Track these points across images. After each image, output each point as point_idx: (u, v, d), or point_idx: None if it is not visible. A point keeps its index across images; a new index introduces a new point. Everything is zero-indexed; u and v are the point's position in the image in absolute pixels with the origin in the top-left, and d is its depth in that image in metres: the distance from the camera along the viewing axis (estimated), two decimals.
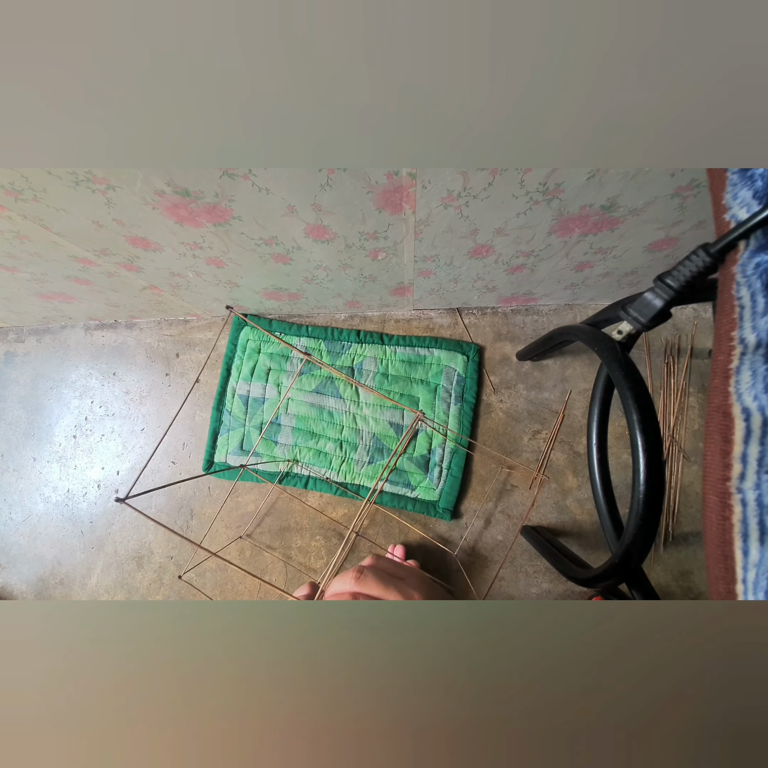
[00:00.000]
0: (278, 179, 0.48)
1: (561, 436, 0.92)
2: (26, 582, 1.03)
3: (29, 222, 0.57)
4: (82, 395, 1.08)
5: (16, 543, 1.05)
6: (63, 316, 1.05)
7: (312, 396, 0.98)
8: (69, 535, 1.03)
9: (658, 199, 0.52)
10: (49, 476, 1.06)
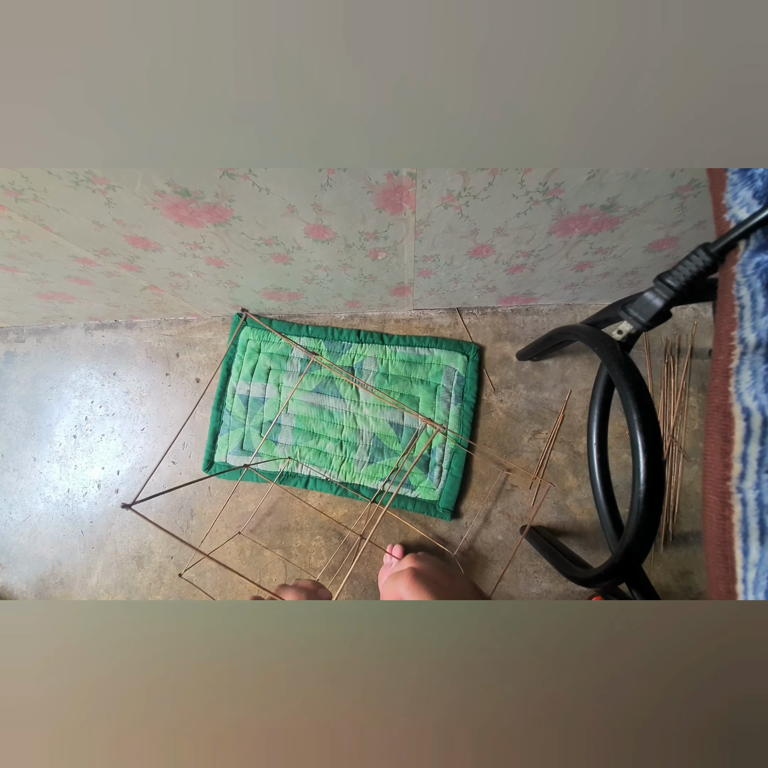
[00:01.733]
0: (278, 179, 0.48)
1: (561, 436, 0.92)
2: (26, 582, 1.03)
3: (29, 222, 0.57)
4: (82, 395, 1.08)
5: (16, 543, 1.05)
6: (63, 316, 1.05)
7: (312, 396, 0.98)
8: (69, 534, 1.03)
9: (658, 199, 0.52)
10: (49, 476, 1.06)
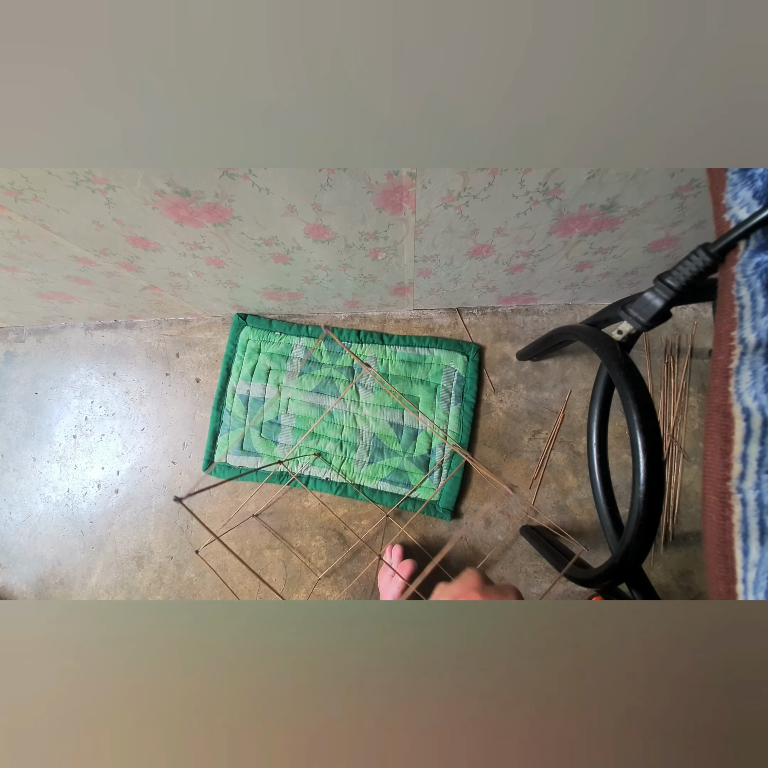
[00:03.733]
0: (278, 179, 0.48)
1: (561, 436, 0.92)
2: (26, 582, 1.03)
3: (29, 222, 0.57)
4: (82, 395, 1.08)
5: (16, 543, 1.05)
6: (63, 316, 1.05)
7: (312, 396, 0.98)
8: (69, 535, 1.03)
9: (658, 199, 0.52)
10: (49, 476, 1.06)
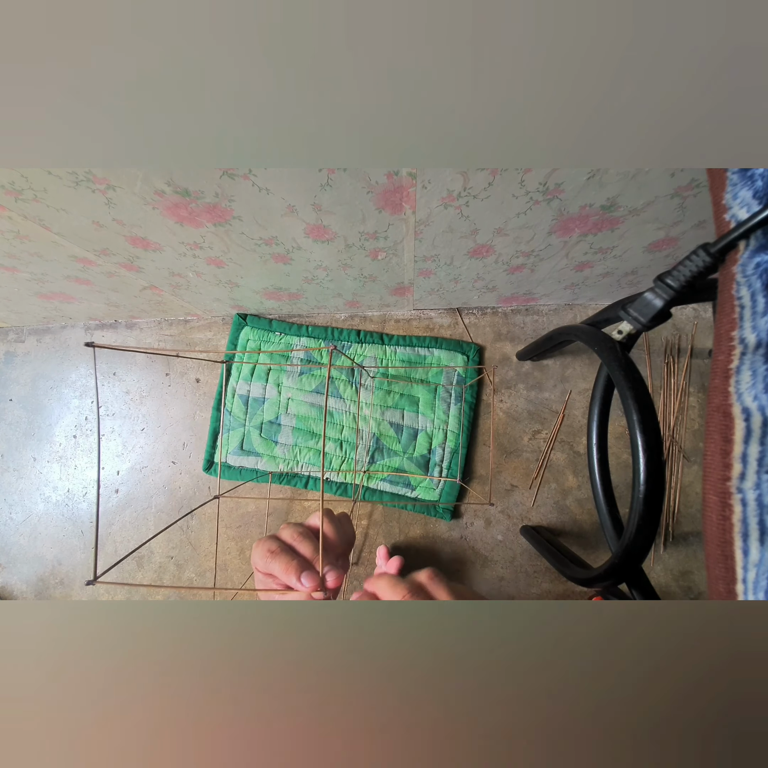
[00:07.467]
0: (278, 179, 0.48)
1: (561, 436, 0.92)
2: (26, 582, 1.03)
3: (29, 222, 0.57)
4: (82, 395, 1.08)
5: (16, 543, 1.05)
6: (63, 316, 1.05)
7: (312, 396, 0.98)
8: (69, 535, 1.03)
9: (658, 199, 0.52)
10: (49, 476, 1.06)
